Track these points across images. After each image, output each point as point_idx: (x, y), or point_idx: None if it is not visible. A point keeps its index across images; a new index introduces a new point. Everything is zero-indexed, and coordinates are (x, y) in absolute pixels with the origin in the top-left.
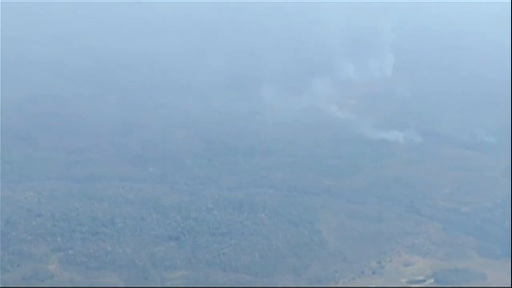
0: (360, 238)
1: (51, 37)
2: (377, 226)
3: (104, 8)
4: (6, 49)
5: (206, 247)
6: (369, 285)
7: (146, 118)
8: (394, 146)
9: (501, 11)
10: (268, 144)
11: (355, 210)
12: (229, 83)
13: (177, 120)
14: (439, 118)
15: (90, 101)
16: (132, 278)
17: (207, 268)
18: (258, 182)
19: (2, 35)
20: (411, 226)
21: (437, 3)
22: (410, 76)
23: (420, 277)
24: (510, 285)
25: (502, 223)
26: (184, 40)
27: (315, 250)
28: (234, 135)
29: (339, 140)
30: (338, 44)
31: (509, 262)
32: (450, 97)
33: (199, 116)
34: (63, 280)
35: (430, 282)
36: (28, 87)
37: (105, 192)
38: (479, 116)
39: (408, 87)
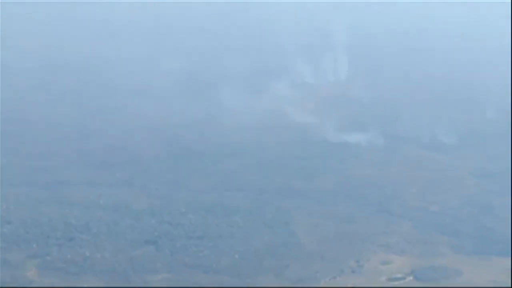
0: (335, 238)
1: None
2: (350, 226)
3: (54, 8)
4: None
5: (185, 250)
6: (350, 284)
7: (105, 122)
8: (357, 148)
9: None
10: (232, 147)
11: (327, 211)
12: (187, 86)
13: (137, 124)
14: (399, 120)
15: (44, 106)
16: (114, 282)
17: (188, 270)
18: (227, 185)
19: None
20: (383, 225)
21: (391, 3)
22: (365, 79)
23: (399, 275)
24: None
25: (471, 221)
26: (139, 42)
27: (293, 250)
28: (196, 138)
29: (302, 143)
30: (292, 47)
31: (482, 259)
32: (408, 98)
33: (159, 119)
34: (43, 286)
35: (409, 279)
36: None
37: (74, 197)
38: (438, 117)
39: (365, 89)
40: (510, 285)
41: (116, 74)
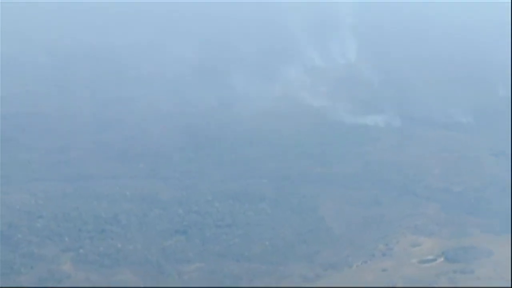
0: (363, 222)
1: (4, 35)
2: (376, 210)
3: (60, 1)
4: None
5: (215, 239)
6: (382, 267)
7: (120, 113)
8: (375, 130)
9: None
10: (250, 134)
11: (352, 196)
12: (199, 73)
13: (153, 114)
14: (413, 101)
15: (58, 98)
16: (147, 273)
17: (220, 259)
18: (249, 173)
19: None
20: (409, 208)
21: None
22: (375, 60)
23: (430, 257)
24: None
25: (496, 200)
26: (149, 30)
27: (322, 236)
28: (213, 126)
29: (320, 128)
30: (300, 31)
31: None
32: (420, 79)
33: (174, 108)
34: (79, 280)
35: (440, 261)
36: None
37: (101, 190)
38: (452, 96)
39: (376, 71)
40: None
41: (128, 63)
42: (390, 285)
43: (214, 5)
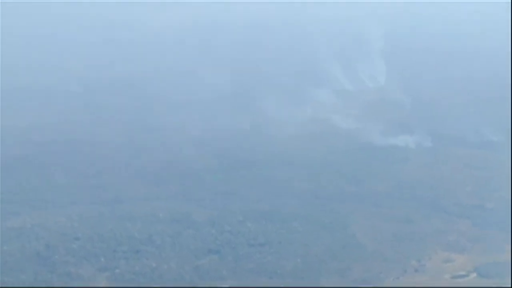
0: (394, 239)
1: (38, 65)
2: (408, 227)
3: (91, 31)
4: None
5: (248, 257)
6: (415, 283)
7: (153, 138)
8: (405, 150)
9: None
10: (281, 156)
11: (383, 213)
12: (229, 98)
13: (185, 138)
14: (443, 121)
15: (91, 126)
16: None
17: (254, 276)
18: (280, 193)
19: None
20: (441, 224)
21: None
22: (404, 83)
23: (462, 273)
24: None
25: None
26: (178, 57)
27: (354, 252)
28: (244, 149)
29: (351, 149)
30: (329, 54)
31: None
32: (449, 99)
33: (205, 133)
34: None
35: (473, 276)
36: (25, 116)
37: (135, 212)
38: (482, 116)
39: (405, 93)
40: (510, 285)
41: (158, 89)
42: None
43: (244, 31)
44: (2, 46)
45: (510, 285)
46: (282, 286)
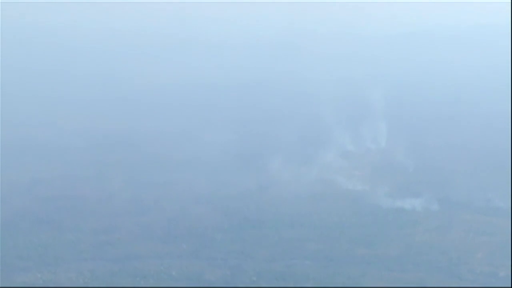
0: None
1: (39, 120)
2: None
3: (94, 87)
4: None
5: None
6: None
7: (159, 195)
8: (413, 214)
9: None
10: (289, 216)
11: (397, 278)
12: (234, 157)
13: (192, 196)
14: (448, 184)
15: (95, 181)
16: None
17: None
18: (292, 254)
19: None
20: None
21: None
22: (405, 145)
23: None
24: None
25: None
26: (181, 116)
27: None
28: (252, 208)
29: (358, 211)
30: (331, 116)
31: None
32: (453, 163)
33: (212, 191)
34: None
35: None
36: (28, 171)
37: (146, 270)
38: (488, 181)
39: (407, 156)
40: (510, 285)
41: (162, 148)
42: None
43: (246, 91)
44: (4, 101)
45: (510, 285)
46: None
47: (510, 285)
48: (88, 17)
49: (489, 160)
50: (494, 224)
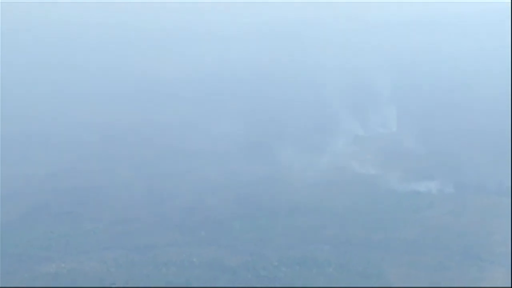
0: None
1: (54, 113)
2: (444, 274)
3: (108, 80)
4: (7, 126)
5: None
6: None
7: (173, 186)
8: (429, 197)
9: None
10: (304, 203)
11: (416, 261)
12: (244, 147)
13: (205, 186)
14: (461, 167)
15: (110, 173)
16: None
17: None
18: (310, 239)
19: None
20: (476, 272)
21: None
22: (415, 129)
23: None
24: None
25: None
26: (194, 107)
27: None
28: (266, 197)
29: (373, 195)
30: (340, 103)
31: None
32: (464, 146)
33: (225, 181)
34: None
35: None
36: (44, 164)
37: (167, 258)
38: (499, 163)
39: (417, 139)
40: (510, 285)
41: (174, 139)
42: None
43: (253, 81)
44: (16, 95)
45: (510, 285)
46: None
47: (510, 285)
48: (95, 9)
49: (500, 143)
50: (508, 206)
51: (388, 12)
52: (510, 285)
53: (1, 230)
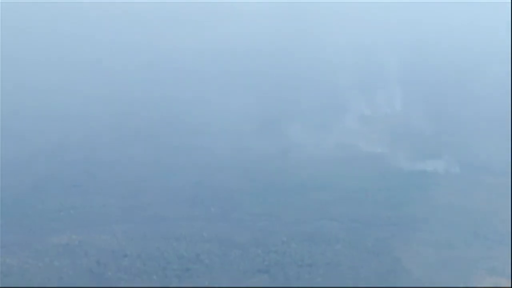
0: (440, 264)
1: (63, 85)
2: (451, 252)
3: (119, 52)
4: (19, 98)
5: (298, 278)
6: None
7: (183, 160)
8: (435, 176)
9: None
10: (312, 180)
11: (424, 238)
12: (253, 123)
13: (215, 161)
14: (468, 147)
15: (120, 146)
16: None
17: None
18: (319, 216)
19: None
20: (484, 250)
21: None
22: (420, 109)
23: None
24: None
25: None
26: (205, 82)
27: (401, 277)
28: (276, 172)
29: (380, 173)
30: (348, 82)
31: None
32: (471, 125)
33: (235, 156)
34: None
35: None
36: (53, 135)
37: (178, 231)
38: (505, 143)
39: (423, 119)
40: (510, 285)
41: (184, 113)
42: None
43: (261, 59)
44: (27, 67)
45: (510, 285)
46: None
47: (510, 285)
48: None
49: (508, 124)
50: None
51: None
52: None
53: (12, 200)
